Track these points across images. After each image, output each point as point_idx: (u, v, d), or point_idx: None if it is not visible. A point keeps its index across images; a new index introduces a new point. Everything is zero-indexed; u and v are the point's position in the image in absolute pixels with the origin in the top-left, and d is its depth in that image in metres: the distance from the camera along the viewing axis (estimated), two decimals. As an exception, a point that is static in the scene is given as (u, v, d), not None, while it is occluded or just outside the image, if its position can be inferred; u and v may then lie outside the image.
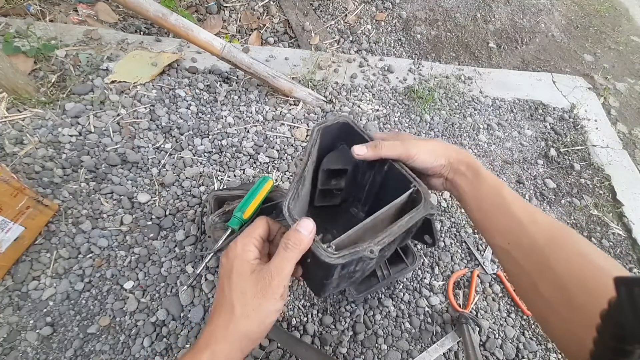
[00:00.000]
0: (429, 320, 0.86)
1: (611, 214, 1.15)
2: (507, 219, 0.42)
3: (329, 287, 0.51)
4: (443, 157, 0.49)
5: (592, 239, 1.08)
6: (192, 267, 0.85)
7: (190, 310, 0.80)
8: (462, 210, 1.05)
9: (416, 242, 0.90)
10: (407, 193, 0.50)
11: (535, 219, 0.41)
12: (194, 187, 0.97)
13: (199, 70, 1.22)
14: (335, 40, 1.48)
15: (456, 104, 1.32)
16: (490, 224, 0.45)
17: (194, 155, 1.03)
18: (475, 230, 1.01)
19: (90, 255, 0.84)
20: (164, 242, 0.88)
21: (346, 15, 1.55)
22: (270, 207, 0.81)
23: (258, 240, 0.40)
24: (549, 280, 0.36)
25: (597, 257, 0.35)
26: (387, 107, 1.25)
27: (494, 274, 0.95)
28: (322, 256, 0.40)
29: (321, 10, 1.55)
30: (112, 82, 1.11)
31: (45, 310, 0.77)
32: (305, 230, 0.38)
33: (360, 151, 0.48)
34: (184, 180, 0.98)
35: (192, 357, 0.34)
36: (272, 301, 0.36)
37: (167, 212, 0.92)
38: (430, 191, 0.50)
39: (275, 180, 1.01)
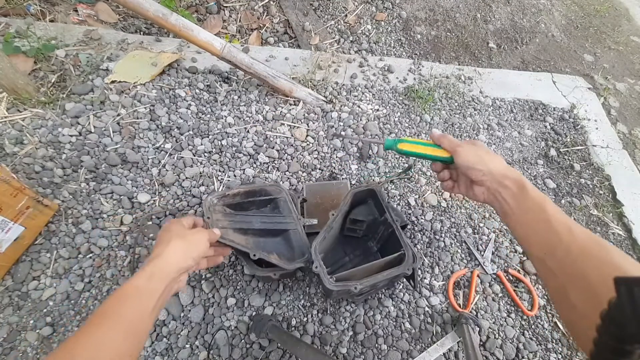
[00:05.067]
0: (429, 320, 0.86)
1: (611, 214, 1.15)
2: (546, 230, 0.45)
3: (333, 296, 0.78)
4: (486, 165, 0.54)
5: (592, 239, 1.08)
6: (192, 267, 0.85)
7: (190, 310, 0.80)
8: (462, 211, 1.05)
9: (416, 243, 0.97)
10: (396, 254, 0.72)
11: (572, 230, 0.43)
12: (194, 187, 0.97)
13: (199, 70, 1.22)
14: (335, 40, 1.48)
15: (456, 104, 1.32)
16: (530, 235, 0.47)
17: (194, 155, 1.03)
18: (476, 231, 1.01)
19: (90, 255, 0.84)
20: (164, 242, 0.87)
21: (346, 15, 1.55)
22: (265, 201, 0.83)
23: (186, 222, 0.62)
24: (580, 288, 0.38)
25: (631, 268, 0.36)
26: (387, 107, 1.25)
27: (494, 274, 0.95)
28: (324, 282, 0.66)
29: (321, 10, 1.55)
30: (112, 82, 1.11)
31: (45, 310, 0.77)
32: (216, 231, 0.65)
33: (435, 132, 0.63)
34: (184, 180, 0.98)
35: (142, 270, 0.49)
36: (205, 238, 0.59)
37: (167, 212, 0.92)
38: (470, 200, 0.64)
39: (275, 180, 1.01)
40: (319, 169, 1.06)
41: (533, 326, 0.89)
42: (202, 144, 1.04)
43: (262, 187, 0.84)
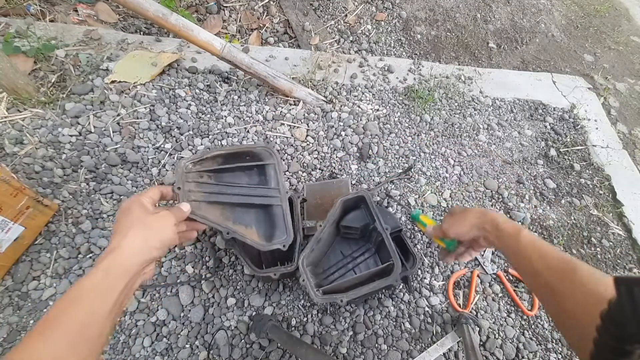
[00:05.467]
0: (429, 320, 0.86)
1: (611, 214, 1.15)
2: (523, 261, 0.51)
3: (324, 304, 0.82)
4: (468, 224, 0.62)
5: (592, 239, 1.08)
6: (192, 267, 0.85)
7: (190, 310, 0.80)
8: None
9: (416, 243, 0.97)
10: (385, 265, 0.75)
11: (544, 257, 0.48)
12: (194, 187, 0.97)
13: (199, 70, 1.22)
14: (335, 40, 1.48)
15: (456, 104, 1.32)
16: (516, 268, 0.54)
17: (194, 155, 1.02)
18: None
19: (90, 255, 0.84)
20: (164, 242, 0.87)
21: (346, 15, 1.55)
22: (252, 166, 0.79)
23: (149, 198, 0.54)
24: (563, 310, 0.42)
25: (597, 286, 0.39)
26: (387, 107, 1.25)
27: (494, 274, 0.94)
28: (311, 295, 0.68)
29: (321, 10, 1.55)
30: (112, 82, 1.11)
31: (45, 310, 0.77)
32: (184, 207, 0.59)
33: (428, 229, 0.75)
34: (184, 180, 0.98)
35: (96, 266, 0.43)
36: (170, 223, 0.52)
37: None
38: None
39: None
40: (319, 169, 1.06)
41: (533, 326, 0.89)
42: (202, 144, 1.04)
43: (250, 149, 0.75)
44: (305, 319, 0.82)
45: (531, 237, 0.53)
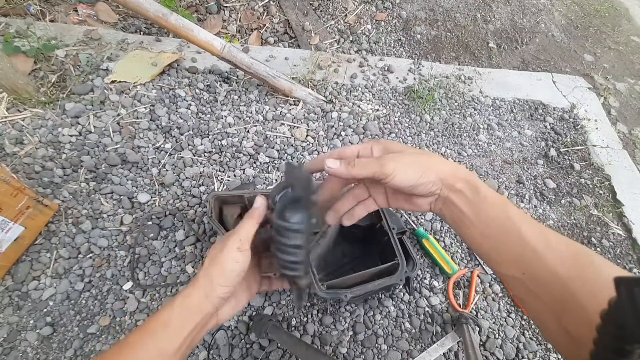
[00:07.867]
0: (429, 320, 0.86)
1: (611, 214, 1.15)
2: (519, 246, 0.37)
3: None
4: (432, 172, 0.41)
5: (592, 239, 1.08)
6: (192, 267, 0.85)
7: (190, 310, 0.80)
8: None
9: (417, 243, 0.98)
10: (389, 264, 0.75)
11: (550, 243, 0.36)
12: (194, 187, 0.97)
13: (199, 70, 1.22)
14: (335, 40, 1.48)
15: (456, 104, 1.32)
16: (500, 252, 0.39)
17: (194, 155, 1.03)
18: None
19: (90, 255, 0.84)
20: (164, 242, 0.88)
21: (346, 15, 1.55)
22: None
23: (244, 238, 0.45)
24: (574, 315, 0.33)
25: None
26: (387, 107, 1.25)
27: (494, 274, 0.94)
28: (315, 290, 0.69)
29: (321, 10, 1.55)
30: (112, 82, 1.11)
31: (45, 310, 0.77)
32: (258, 204, 0.46)
33: (332, 164, 0.42)
34: (184, 180, 0.98)
35: (171, 300, 0.41)
36: (231, 250, 0.42)
37: (167, 212, 0.92)
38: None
39: (275, 180, 1.01)
40: (319, 169, 1.06)
41: (533, 326, 0.89)
42: (202, 144, 1.04)
43: None
44: (305, 319, 0.82)
45: (521, 211, 0.40)
